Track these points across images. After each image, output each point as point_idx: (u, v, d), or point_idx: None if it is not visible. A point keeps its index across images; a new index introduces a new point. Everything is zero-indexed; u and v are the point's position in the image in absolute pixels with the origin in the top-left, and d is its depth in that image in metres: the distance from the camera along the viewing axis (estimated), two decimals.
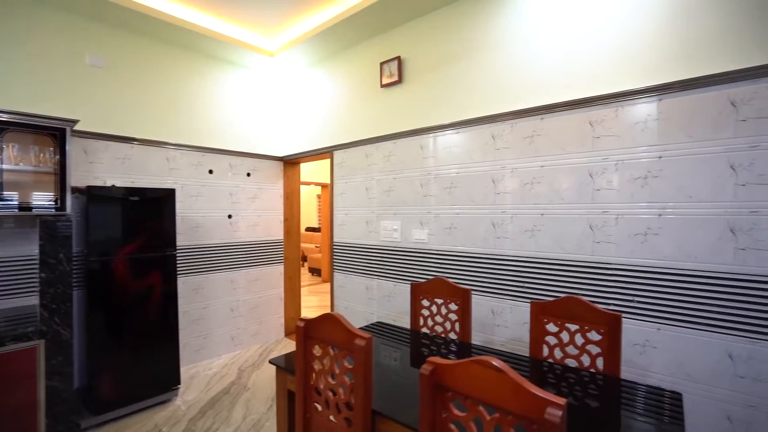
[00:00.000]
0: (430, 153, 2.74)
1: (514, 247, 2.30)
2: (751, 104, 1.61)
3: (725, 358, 1.67)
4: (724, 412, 1.67)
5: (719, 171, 1.67)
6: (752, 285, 1.61)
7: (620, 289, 1.93)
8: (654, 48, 1.85)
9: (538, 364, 1.69)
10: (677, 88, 1.77)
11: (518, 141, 2.29)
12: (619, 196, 1.93)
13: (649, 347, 1.86)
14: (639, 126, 1.88)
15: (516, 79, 2.32)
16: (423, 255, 2.77)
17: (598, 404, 1.41)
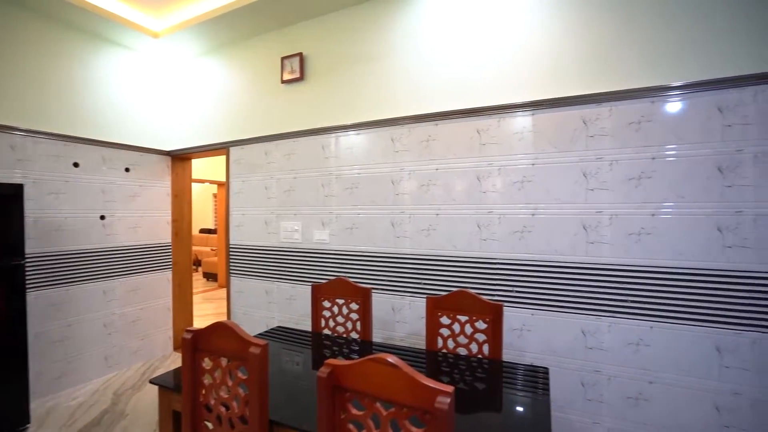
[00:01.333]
0: (332, 153, 2.73)
1: (412, 246, 2.42)
2: (597, 123, 1.95)
3: (580, 334, 2.00)
4: (579, 378, 2.01)
5: (576, 177, 1.99)
6: (600, 272, 1.95)
7: (503, 281, 2.17)
8: (531, 69, 2.11)
9: (434, 355, 1.80)
10: (546, 105, 2.05)
11: (415, 144, 2.41)
12: (502, 198, 2.16)
13: (525, 331, 2.12)
14: (517, 136, 2.13)
15: (414, 86, 2.43)
16: (324, 255, 2.75)
17: (484, 386, 1.55)
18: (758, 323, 1.70)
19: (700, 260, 1.78)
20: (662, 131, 1.84)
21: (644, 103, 1.87)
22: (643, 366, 1.89)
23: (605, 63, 1.95)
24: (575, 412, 2.02)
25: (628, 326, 1.90)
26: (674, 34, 1.82)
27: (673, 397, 1.84)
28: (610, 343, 1.94)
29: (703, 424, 1.79)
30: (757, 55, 1.69)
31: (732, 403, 1.74)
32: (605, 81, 1.95)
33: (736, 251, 1.72)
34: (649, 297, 1.87)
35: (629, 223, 1.89)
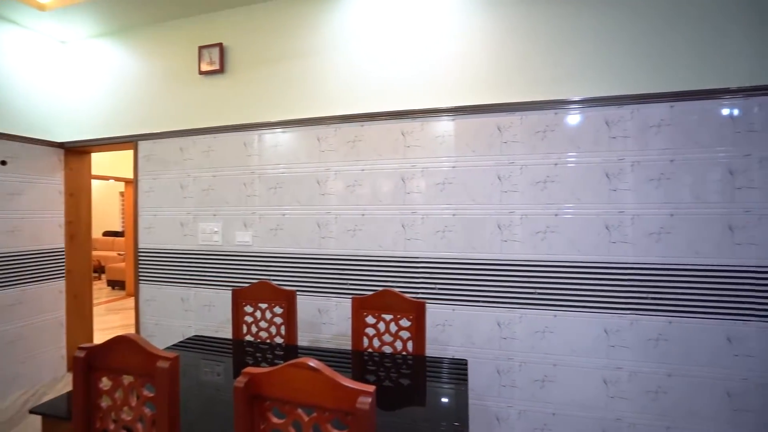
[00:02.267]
0: (255, 151, 2.61)
1: (338, 247, 2.40)
2: (509, 130, 2.12)
3: (496, 326, 2.15)
4: (495, 367, 2.16)
5: (491, 180, 2.14)
6: (512, 268, 2.12)
7: (427, 279, 2.25)
8: (454, 76, 2.22)
9: (360, 355, 1.81)
10: (467, 111, 2.18)
11: (342, 145, 2.40)
12: (425, 199, 2.24)
13: (447, 326, 2.23)
14: (439, 139, 2.23)
15: (341, 86, 2.42)
16: (247, 258, 2.62)
17: (409, 382, 1.60)
18: (638, 308, 1.98)
19: (592, 254, 2.02)
20: (563, 140, 2.06)
21: (549, 114, 2.08)
22: (548, 351, 2.09)
23: (518, 75, 2.13)
24: (492, 398, 2.17)
25: (535, 316, 2.10)
26: (575, 53, 2.05)
27: (571, 377, 2.06)
28: (521, 333, 2.12)
29: (593, 397, 2.03)
30: (635, 78, 1.97)
31: (616, 376, 2.01)
32: (517, 92, 2.13)
33: (619, 246, 1.99)
34: (553, 288, 2.08)
35: (537, 222, 2.09)
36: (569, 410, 2.08)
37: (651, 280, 1.97)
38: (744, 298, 1.88)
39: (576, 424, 2.07)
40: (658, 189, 1.94)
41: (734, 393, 1.91)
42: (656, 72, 1.96)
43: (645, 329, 1.98)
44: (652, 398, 1.99)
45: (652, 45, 1.97)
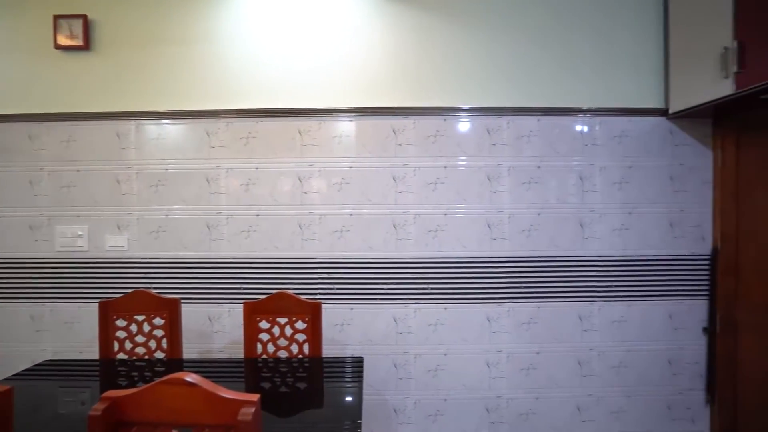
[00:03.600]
0: (131, 143, 2.30)
1: (231, 249, 2.25)
2: (404, 133, 2.22)
3: (392, 322, 2.24)
4: (392, 361, 2.25)
5: (386, 181, 2.22)
6: (407, 265, 2.22)
7: (324, 279, 2.24)
8: (352, 77, 2.22)
9: (254, 362, 1.72)
10: (366, 113, 2.21)
11: (234, 141, 2.25)
12: (322, 199, 2.23)
13: (345, 325, 2.24)
14: (337, 139, 2.23)
15: (235, 79, 2.25)
16: (121, 265, 2.30)
17: (306, 385, 1.57)
18: (514, 296, 2.24)
19: (476, 251, 2.23)
20: (452, 145, 2.22)
21: (439, 120, 2.22)
22: (440, 342, 2.24)
23: (413, 81, 2.23)
24: (390, 392, 2.25)
25: (428, 310, 2.24)
26: (463, 65, 2.22)
27: (460, 364, 2.25)
28: (416, 326, 2.24)
29: (478, 379, 2.25)
30: (511, 92, 2.23)
31: (497, 358, 2.25)
32: (412, 97, 2.23)
33: (499, 242, 2.23)
34: (443, 283, 2.23)
35: (428, 221, 2.22)
36: (458, 394, 2.26)
37: (523, 271, 2.24)
38: (590, 282, 2.26)
39: (464, 406, 2.26)
40: (529, 191, 2.23)
41: (583, 361, 2.28)
42: (528, 89, 2.24)
43: (519, 315, 2.25)
44: (525, 374, 2.27)
45: (526, 65, 2.23)
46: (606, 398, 2.29)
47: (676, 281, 2.28)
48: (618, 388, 2.29)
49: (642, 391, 2.30)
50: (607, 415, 2.30)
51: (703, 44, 1.97)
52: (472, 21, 2.23)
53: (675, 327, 2.29)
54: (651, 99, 2.25)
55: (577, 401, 2.28)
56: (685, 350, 2.30)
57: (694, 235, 2.28)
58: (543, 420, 2.28)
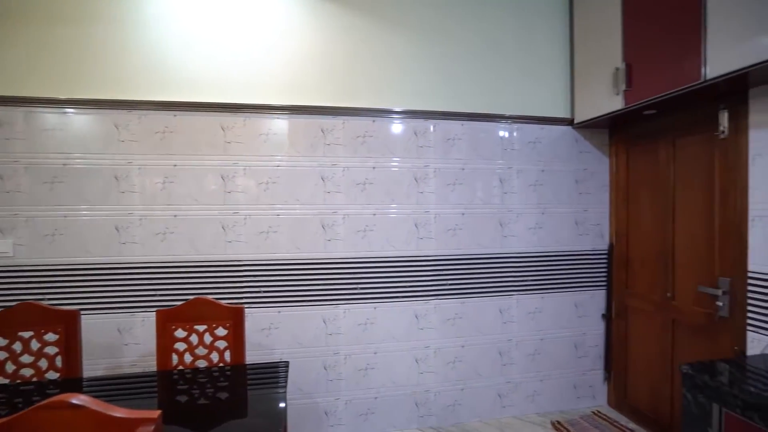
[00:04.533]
0: (18, 134, 2.00)
1: (144, 253, 2.06)
2: (333, 133, 2.20)
3: (322, 323, 2.21)
4: (322, 363, 2.22)
5: (315, 181, 2.18)
6: (336, 266, 2.21)
7: (250, 282, 2.14)
8: (280, 75, 2.15)
9: (168, 375, 1.59)
10: (297, 111, 2.16)
11: (149, 135, 2.07)
12: (248, 198, 2.13)
13: (273, 329, 2.17)
14: (263, 138, 2.15)
15: (151, 67, 2.06)
16: (5, 275, 1.99)
17: (228, 395, 1.48)
18: (440, 293, 2.32)
19: (404, 250, 2.28)
20: (380, 146, 2.25)
21: (368, 120, 2.24)
22: (370, 341, 2.26)
23: (342, 82, 2.21)
24: (320, 394, 2.22)
25: (358, 309, 2.24)
26: (393, 69, 2.26)
27: (390, 361, 2.28)
28: (346, 327, 2.24)
29: (407, 375, 2.31)
30: (439, 97, 2.31)
31: (425, 354, 2.32)
32: (341, 97, 2.22)
33: (426, 241, 2.30)
34: (373, 283, 2.25)
35: (358, 221, 2.23)
36: (388, 391, 2.29)
37: (449, 269, 2.34)
38: (509, 277, 2.42)
39: (394, 403, 2.30)
40: (454, 192, 2.33)
41: (503, 351, 2.44)
42: (454, 94, 2.34)
43: (445, 311, 2.34)
44: (451, 367, 2.37)
45: (453, 72, 2.33)
46: (523, 384, 2.48)
47: (581, 274, 2.54)
48: (533, 373, 2.49)
49: (553, 375, 2.52)
50: (524, 398, 2.49)
51: (600, 64, 2.22)
52: (402, 28, 2.28)
53: (580, 315, 2.54)
54: (560, 109, 2.48)
55: (498, 389, 2.44)
56: (588, 335, 2.57)
57: (595, 232, 2.56)
58: (468, 409, 2.40)
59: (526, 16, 2.44)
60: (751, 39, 1.46)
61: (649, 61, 1.91)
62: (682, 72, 1.73)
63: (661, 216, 2.23)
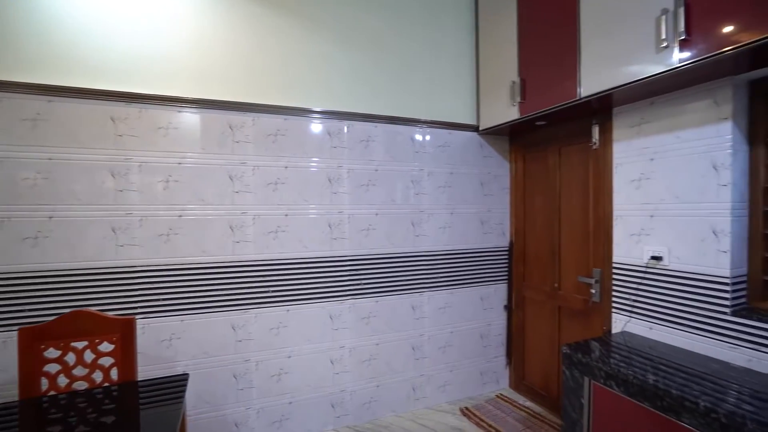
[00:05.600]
0: None
1: (7, 261, 1.75)
2: (242, 130, 2.10)
3: (230, 330, 2.09)
4: (232, 372, 2.10)
5: (222, 180, 2.06)
6: (245, 269, 2.11)
7: (144, 289, 1.94)
8: (182, 64, 1.97)
9: (36, 403, 1.38)
10: (197, 104, 2.00)
11: (14, 123, 1.76)
12: (143, 198, 1.93)
13: (175, 339, 2.00)
14: (162, 132, 1.97)
15: (22, 41, 1.75)
16: None
17: (114, 418, 1.33)
18: (354, 293, 2.34)
19: (318, 251, 2.26)
20: (293, 145, 2.20)
21: (279, 118, 2.17)
22: (283, 345, 2.20)
23: (254, 77, 2.11)
24: (230, 405, 2.10)
25: (270, 313, 2.17)
26: (309, 65, 2.22)
27: (304, 364, 2.24)
28: (257, 332, 2.15)
29: (322, 377, 2.29)
30: (352, 98, 2.33)
31: (340, 354, 2.33)
32: (251, 93, 2.12)
33: (340, 242, 2.31)
34: (285, 285, 2.20)
35: (269, 222, 2.15)
36: (303, 395, 2.25)
37: (363, 268, 2.37)
38: (421, 275, 2.53)
39: (310, 406, 2.27)
40: (368, 193, 2.37)
41: (416, 346, 2.55)
42: (368, 97, 2.37)
43: (360, 310, 2.37)
44: (366, 366, 2.40)
45: (368, 75, 2.36)
46: (435, 376, 2.61)
47: (486, 269, 2.75)
48: (444, 365, 2.63)
49: (462, 365, 2.69)
50: (436, 389, 2.62)
51: (500, 77, 2.42)
52: (317, 26, 2.25)
53: (485, 307, 2.75)
54: (467, 116, 2.66)
55: (411, 382, 2.54)
56: (492, 325, 2.79)
57: (498, 231, 2.79)
58: (383, 405, 2.46)
59: (437, 30, 2.57)
60: (613, 67, 1.71)
61: (539, 78, 2.13)
62: (563, 90, 1.96)
63: (550, 216, 2.51)
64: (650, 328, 1.87)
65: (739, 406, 1.21)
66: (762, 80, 1.56)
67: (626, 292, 1.97)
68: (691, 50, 1.43)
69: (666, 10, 1.48)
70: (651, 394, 1.39)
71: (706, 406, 1.23)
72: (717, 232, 1.61)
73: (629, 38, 1.64)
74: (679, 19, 1.44)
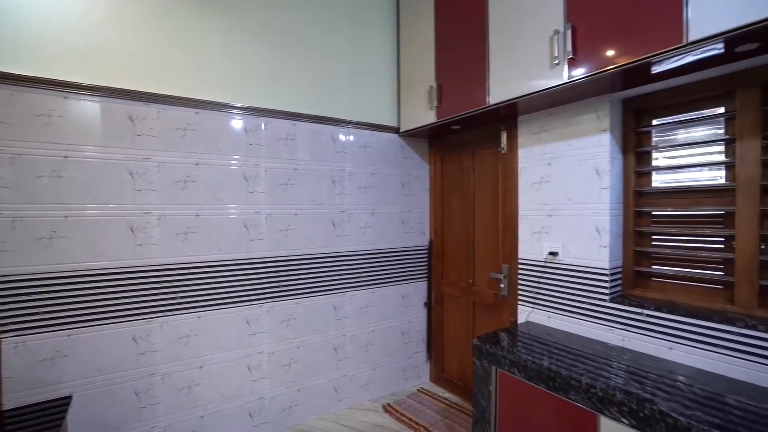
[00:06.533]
0: None
1: None
2: (145, 123, 1.91)
3: (130, 342, 1.89)
4: (132, 389, 1.90)
5: (121, 176, 1.85)
6: (150, 274, 1.92)
7: (19, 303, 1.68)
8: (72, 42, 1.73)
9: None
10: (93, 91, 1.77)
11: None
12: (18, 196, 1.65)
13: (59, 357, 1.75)
14: (43, 120, 1.71)
15: None
16: None
17: None
18: (273, 296, 2.26)
19: (233, 253, 2.14)
20: (204, 140, 2.06)
21: (190, 111, 2.02)
22: (194, 354, 2.05)
23: (160, 66, 1.93)
24: (131, 426, 1.90)
25: (178, 322, 2.00)
26: (223, 58, 2.08)
27: (219, 374, 2.11)
28: (163, 343, 1.97)
29: (239, 386, 2.18)
30: (277, 94, 2.24)
31: (258, 360, 2.23)
32: (156, 83, 1.93)
33: (257, 243, 2.21)
34: (197, 289, 2.05)
35: (177, 223, 1.99)
36: (218, 406, 2.12)
37: (282, 270, 2.30)
38: (342, 275, 2.53)
39: (225, 417, 2.14)
40: (286, 192, 2.30)
41: (338, 346, 2.53)
42: (288, 94, 2.31)
43: (279, 313, 2.30)
44: (287, 369, 2.34)
45: (290, 72, 2.29)
46: (357, 375, 2.62)
47: (407, 268, 2.83)
48: (366, 364, 2.66)
49: (384, 363, 2.74)
50: (359, 388, 2.63)
51: (419, 81, 2.51)
52: (238, 21, 2.13)
53: (406, 305, 2.84)
54: (388, 118, 2.72)
55: (334, 383, 2.52)
56: (413, 322, 2.88)
57: (418, 230, 2.89)
58: (305, 409, 2.41)
59: (360, 31, 2.59)
60: (516, 78, 1.86)
61: (454, 84, 2.25)
62: (475, 97, 2.09)
63: (466, 215, 2.66)
64: (549, 317, 2.07)
65: (611, 380, 1.39)
66: (632, 99, 1.82)
67: (529, 285, 2.16)
68: (577, 68, 1.61)
69: (557, 31, 1.66)
70: (545, 376, 1.54)
71: (587, 383, 1.39)
72: (599, 230, 1.83)
73: (529, 54, 1.79)
74: (568, 40, 1.61)
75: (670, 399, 1.25)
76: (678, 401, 1.24)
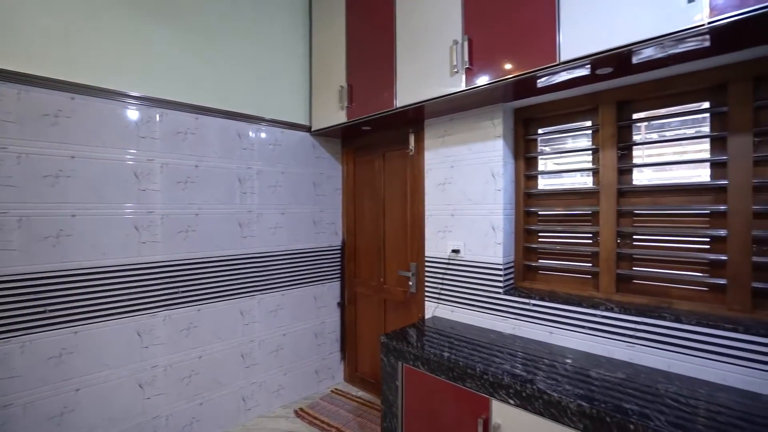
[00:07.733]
0: None
1: None
2: (2, 106, 1.61)
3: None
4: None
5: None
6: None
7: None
8: None
9: None
10: None
11: None
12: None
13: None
14: None
15: None
16: None
17: None
18: (170, 304, 2.07)
19: (120, 258, 1.91)
20: (81, 131, 1.80)
21: (64, 96, 1.75)
22: (68, 376, 1.77)
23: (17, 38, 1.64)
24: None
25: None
26: (102, 39, 1.84)
27: (101, 396, 1.86)
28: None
29: (127, 407, 1.94)
30: (176, 84, 2.04)
31: (152, 375, 2.02)
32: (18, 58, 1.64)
33: (150, 246, 2.00)
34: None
35: (44, 225, 1.70)
36: None
37: (181, 275, 2.11)
38: (250, 278, 2.41)
39: None
40: (185, 191, 2.12)
41: (246, 353, 2.41)
42: (190, 85, 2.13)
43: (177, 322, 2.10)
44: (186, 383, 2.15)
45: (191, 60, 2.11)
46: (267, 381, 2.52)
47: (319, 268, 2.79)
48: (277, 369, 2.56)
49: (296, 366, 2.67)
50: (270, 395, 2.53)
51: (331, 81, 2.50)
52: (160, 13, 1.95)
53: (319, 306, 2.80)
54: (300, 116, 2.65)
55: (241, 393, 2.39)
56: (326, 323, 2.86)
57: (331, 230, 2.87)
58: (209, 424, 2.24)
59: (272, 24, 2.49)
60: (421, 83, 1.94)
61: (365, 85, 2.27)
62: (383, 99, 2.14)
63: (377, 215, 2.71)
64: (452, 311, 2.20)
65: (500, 366, 1.53)
66: (521, 108, 2.01)
67: (435, 281, 2.27)
68: (473, 77, 1.73)
69: (456, 41, 1.77)
70: (446, 367, 1.63)
71: (481, 370, 1.50)
72: (494, 228, 2.00)
73: (432, 61, 1.89)
74: (465, 50, 1.73)
75: (547, 378, 1.41)
76: (553, 379, 1.40)
